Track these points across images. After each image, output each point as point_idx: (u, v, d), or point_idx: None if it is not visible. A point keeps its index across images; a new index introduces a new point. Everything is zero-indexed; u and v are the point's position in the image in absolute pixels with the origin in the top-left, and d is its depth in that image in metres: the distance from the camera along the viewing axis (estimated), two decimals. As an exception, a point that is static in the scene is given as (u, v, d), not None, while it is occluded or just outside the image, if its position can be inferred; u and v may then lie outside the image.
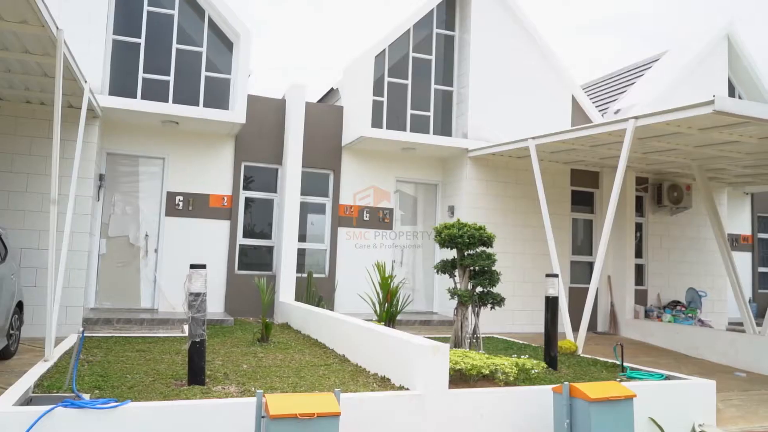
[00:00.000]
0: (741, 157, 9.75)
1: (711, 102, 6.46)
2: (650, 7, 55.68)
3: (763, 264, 15.92)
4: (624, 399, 4.83)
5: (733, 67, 14.36)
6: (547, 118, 12.06)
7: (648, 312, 12.32)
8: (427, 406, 4.96)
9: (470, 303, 6.89)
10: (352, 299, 11.00)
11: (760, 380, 8.29)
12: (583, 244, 12.71)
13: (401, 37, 11.70)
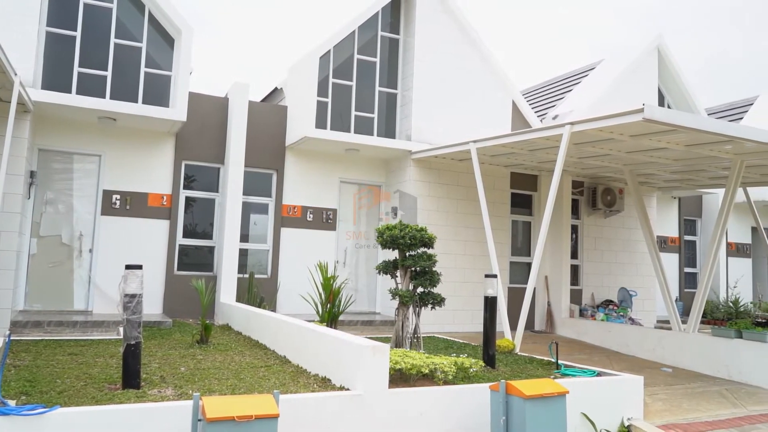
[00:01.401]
0: (669, 163, 10.24)
1: (641, 110, 6.76)
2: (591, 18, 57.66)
3: (689, 265, 16.76)
4: (557, 395, 5.01)
5: (663, 78, 15.07)
6: (489, 122, 12.34)
7: (582, 311, 12.77)
8: (367, 405, 5.00)
9: (411, 303, 6.98)
10: (294, 300, 10.95)
11: (685, 375, 8.73)
12: (522, 246, 13.06)
13: (346, 38, 11.72)
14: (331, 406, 4.85)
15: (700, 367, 9.03)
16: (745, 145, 8.29)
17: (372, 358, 5.06)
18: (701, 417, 6.59)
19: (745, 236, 17.37)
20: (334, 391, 5.22)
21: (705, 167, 10.55)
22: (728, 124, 7.57)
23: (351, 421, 4.90)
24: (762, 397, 7.71)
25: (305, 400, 4.77)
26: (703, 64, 55.42)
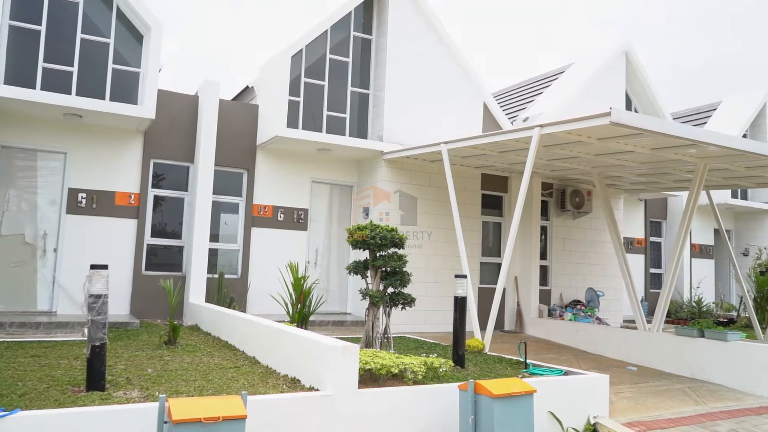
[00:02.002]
0: (635, 166, 10.45)
1: (608, 114, 6.89)
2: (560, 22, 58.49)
3: (654, 265, 17.12)
4: (525, 394, 5.07)
5: (630, 82, 15.37)
6: (460, 123, 12.43)
7: (551, 311, 12.95)
8: (336, 406, 4.99)
9: (381, 303, 6.99)
10: (265, 300, 10.87)
11: (649, 373, 8.92)
12: (493, 246, 13.18)
13: (319, 38, 11.68)
14: (300, 407, 4.82)
15: (664, 366, 9.23)
16: (708, 149, 8.51)
17: (342, 359, 5.05)
18: (665, 414, 6.73)
19: (708, 238, 17.82)
20: (303, 391, 5.19)
21: (670, 170, 10.78)
22: (692, 129, 7.76)
23: (320, 421, 4.88)
24: (723, 394, 7.91)
25: (274, 400, 4.74)
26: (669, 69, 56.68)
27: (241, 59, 46.07)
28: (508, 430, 4.86)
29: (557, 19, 61.54)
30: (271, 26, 52.95)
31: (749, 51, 60.09)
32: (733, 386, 8.27)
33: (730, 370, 8.38)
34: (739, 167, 9.70)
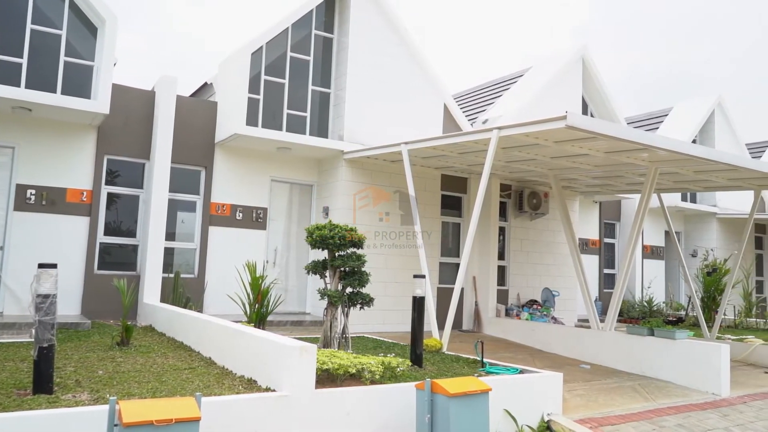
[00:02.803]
0: (590, 168, 10.70)
1: (564, 117, 7.03)
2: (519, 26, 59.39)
3: (608, 266, 17.57)
4: (480, 393, 5.13)
5: (586, 87, 15.72)
6: (421, 124, 12.50)
7: (509, 310, 13.15)
8: (293, 406, 4.95)
9: (340, 303, 6.98)
10: (222, 300, 10.71)
11: (602, 371, 9.14)
12: (452, 246, 13.29)
13: (279, 35, 11.58)
14: (255, 408, 4.77)
15: (616, 364, 9.48)
16: (659, 154, 8.77)
17: (299, 359, 5.02)
18: (615, 411, 6.91)
19: (659, 239, 18.38)
20: (259, 392, 5.14)
21: (623, 173, 11.08)
22: (644, 134, 7.98)
23: (276, 422, 4.84)
24: (671, 390, 8.17)
25: (229, 402, 4.67)
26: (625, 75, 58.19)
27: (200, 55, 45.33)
28: (464, 428, 4.91)
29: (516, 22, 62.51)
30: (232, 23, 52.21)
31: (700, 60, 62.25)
32: (681, 383, 8.55)
33: (677, 367, 8.66)
34: (688, 171, 10.03)
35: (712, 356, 8.32)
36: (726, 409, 7.50)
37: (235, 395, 4.92)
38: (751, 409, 7.63)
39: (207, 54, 46.74)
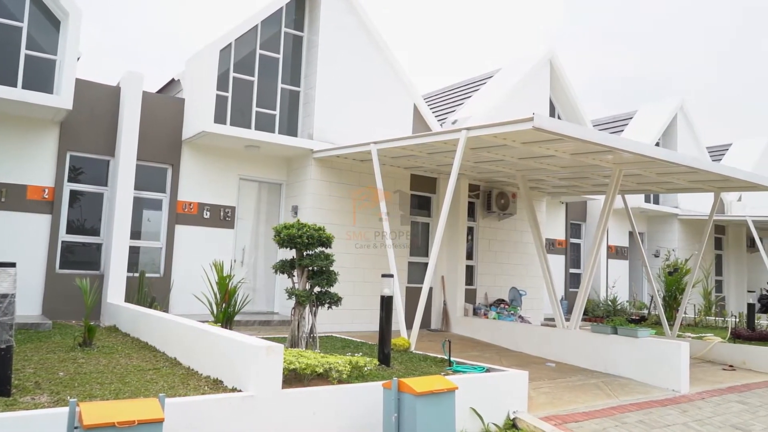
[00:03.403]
0: (557, 170, 10.86)
1: (531, 119, 7.12)
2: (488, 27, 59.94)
3: (574, 266, 17.86)
4: (447, 391, 5.17)
5: (554, 89, 15.96)
6: (391, 124, 12.53)
7: (476, 310, 13.27)
8: (259, 407, 4.92)
9: (307, 303, 6.95)
10: (188, 300, 10.58)
11: (567, 369, 9.30)
12: (421, 246, 13.35)
13: (249, 32, 11.48)
14: (221, 409, 4.73)
15: (581, 362, 9.65)
16: (624, 156, 8.95)
17: (265, 359, 4.98)
18: (579, 408, 7.03)
19: (623, 240, 18.76)
20: (225, 392, 5.09)
21: (589, 175, 11.28)
22: (609, 136, 8.14)
23: (242, 422, 4.80)
24: (633, 388, 8.35)
25: (194, 402, 4.62)
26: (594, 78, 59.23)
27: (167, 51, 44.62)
28: (431, 426, 4.94)
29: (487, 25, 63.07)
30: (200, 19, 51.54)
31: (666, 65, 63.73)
32: (643, 380, 8.74)
33: (639, 364, 8.85)
34: (651, 173, 10.26)
35: (672, 354, 8.53)
36: (685, 405, 7.70)
37: (200, 396, 4.87)
38: (709, 404, 7.85)
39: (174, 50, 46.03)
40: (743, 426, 7.01)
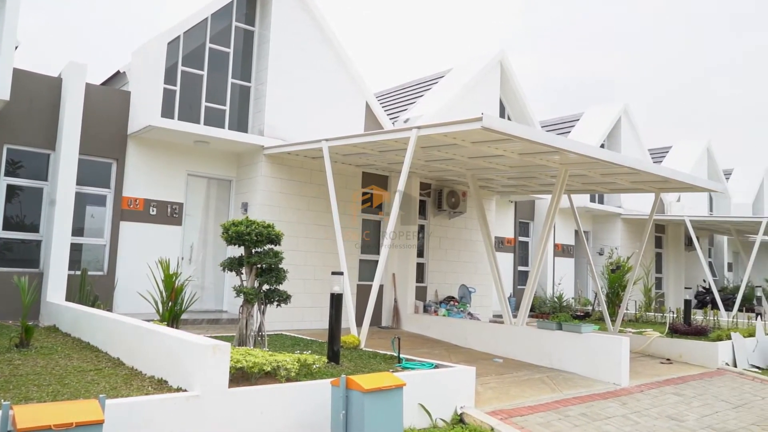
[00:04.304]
0: (506, 169, 11.06)
1: (479, 119, 7.23)
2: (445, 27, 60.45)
3: (522, 263, 18.24)
4: (395, 388, 5.20)
5: (504, 90, 16.25)
6: (343, 121, 12.50)
7: (426, 307, 13.39)
8: (205, 406, 4.85)
9: (256, 301, 6.88)
10: (133, 299, 10.29)
11: (514, 364, 9.50)
12: (373, 244, 13.38)
13: (198, 25, 11.25)
14: (165, 409, 4.63)
15: (527, 357, 9.87)
16: (570, 156, 9.19)
17: (212, 358, 4.91)
18: (525, 402, 7.20)
19: (569, 238, 19.27)
20: (170, 392, 4.99)
21: (536, 175, 11.53)
22: (555, 137, 8.34)
23: (187, 423, 4.72)
24: (576, 382, 8.61)
25: (136, 403, 4.51)
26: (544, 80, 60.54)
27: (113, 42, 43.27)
28: (378, 423, 4.97)
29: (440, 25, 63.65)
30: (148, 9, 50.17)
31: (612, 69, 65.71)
32: (586, 374, 9.02)
33: (583, 359, 9.13)
34: (595, 174, 10.57)
35: (613, 349, 8.82)
36: (625, 397, 7.99)
37: (143, 396, 4.76)
38: (647, 397, 8.16)
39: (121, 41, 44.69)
40: (678, 417, 7.32)
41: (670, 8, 67.07)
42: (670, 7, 67.01)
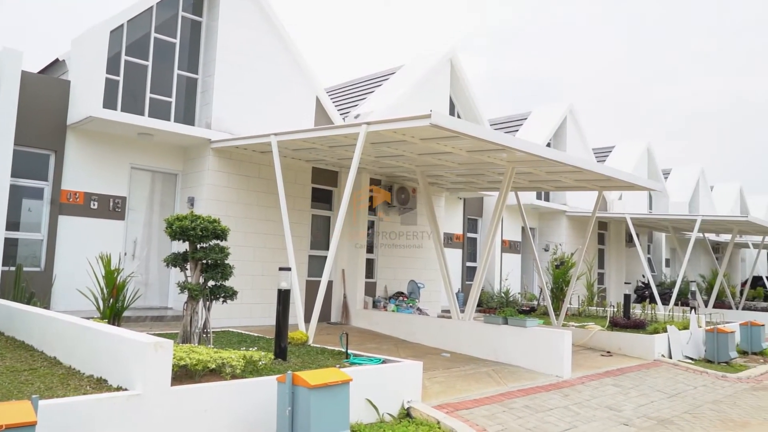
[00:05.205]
0: (455, 166, 11.20)
1: (428, 116, 7.29)
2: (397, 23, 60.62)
3: (471, 259, 18.52)
4: (341, 383, 5.20)
5: (454, 88, 16.42)
6: (293, 116, 12.39)
7: (376, 302, 13.44)
8: (146, 405, 4.72)
9: (201, 297, 6.75)
10: (73, 295, 9.94)
11: (461, 359, 9.64)
12: (322, 240, 13.32)
13: (143, 14, 10.93)
14: (104, 409, 4.49)
15: (474, 351, 10.03)
16: (516, 154, 9.38)
17: (153, 355, 4.79)
18: (470, 396, 7.32)
19: (516, 235, 19.67)
20: (109, 392, 4.84)
21: (484, 172, 11.72)
22: (502, 135, 8.49)
23: (128, 422, 4.59)
24: (521, 375, 8.80)
25: (73, 403, 4.35)
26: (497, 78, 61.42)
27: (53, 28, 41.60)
28: (325, 419, 4.96)
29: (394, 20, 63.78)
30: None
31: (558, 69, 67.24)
32: (530, 367, 9.24)
33: (527, 352, 9.34)
34: (541, 172, 10.82)
35: (556, 342, 9.06)
36: (567, 389, 8.22)
37: (79, 396, 4.60)
38: (588, 388, 8.42)
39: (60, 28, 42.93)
40: (616, 407, 7.59)
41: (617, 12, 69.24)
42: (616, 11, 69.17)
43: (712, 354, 11.57)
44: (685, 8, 69.03)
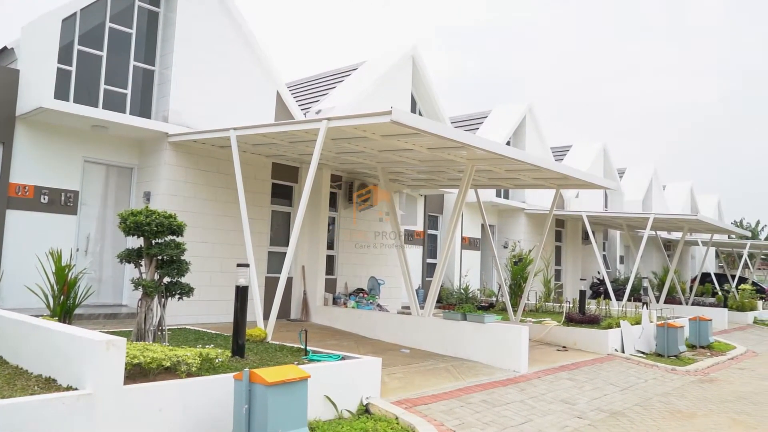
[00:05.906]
0: (416, 163, 11.24)
1: (389, 112, 7.28)
2: (357, 19, 60.46)
3: (431, 256, 18.65)
4: (299, 380, 5.16)
5: (416, 85, 16.48)
6: (253, 110, 12.24)
7: (336, 299, 13.40)
8: (98, 405, 4.60)
9: (156, 294, 6.61)
10: (21, 293, 9.59)
11: (420, 355, 9.70)
12: (282, 236, 13.21)
13: (97, 2, 10.63)
14: (53, 409, 4.35)
15: (433, 347, 10.11)
16: (477, 152, 9.46)
17: (105, 354, 4.66)
18: (429, 391, 7.38)
19: (476, 232, 19.90)
20: (59, 392, 4.70)
21: (445, 169, 11.79)
22: (462, 133, 8.56)
23: (78, 423, 4.46)
24: (479, 370, 8.91)
25: (19, 404, 4.20)
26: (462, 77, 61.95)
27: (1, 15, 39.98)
28: (282, 416, 4.91)
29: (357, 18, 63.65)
30: (44, -17, 46.83)
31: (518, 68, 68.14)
32: (488, 362, 9.36)
33: (486, 348, 9.46)
34: (501, 170, 10.95)
35: (514, 338, 9.21)
36: (523, 384, 8.36)
37: (26, 397, 4.44)
38: (544, 382, 8.59)
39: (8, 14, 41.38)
40: (570, 400, 7.76)
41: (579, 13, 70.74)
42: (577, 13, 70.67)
43: (662, 348, 11.93)
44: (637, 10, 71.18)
